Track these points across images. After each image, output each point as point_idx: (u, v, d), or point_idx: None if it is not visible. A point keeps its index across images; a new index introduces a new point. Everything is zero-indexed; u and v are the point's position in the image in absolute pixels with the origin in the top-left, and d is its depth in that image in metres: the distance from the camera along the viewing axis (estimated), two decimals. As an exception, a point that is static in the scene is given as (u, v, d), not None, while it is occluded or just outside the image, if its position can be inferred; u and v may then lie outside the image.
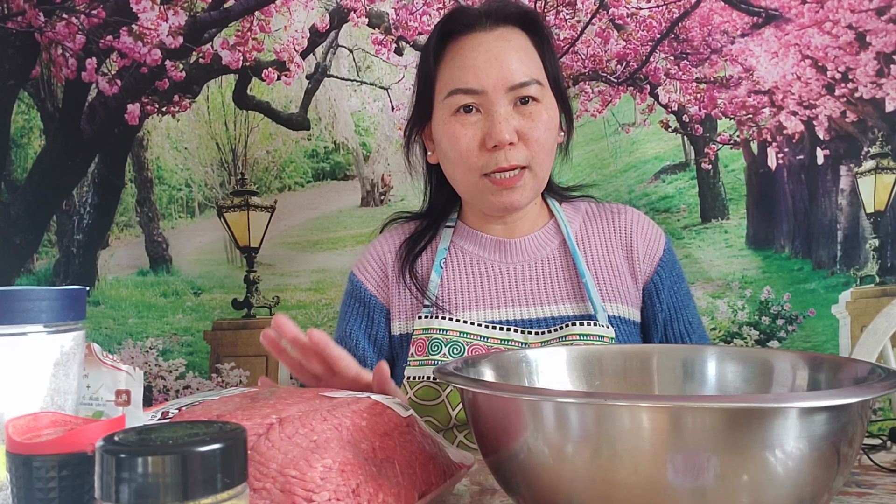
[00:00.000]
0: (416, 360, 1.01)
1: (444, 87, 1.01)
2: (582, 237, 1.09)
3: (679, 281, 1.09)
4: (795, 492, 0.46)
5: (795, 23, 1.55)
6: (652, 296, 1.06)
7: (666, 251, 1.09)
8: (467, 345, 1.00)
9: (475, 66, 0.98)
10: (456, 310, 1.05)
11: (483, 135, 0.98)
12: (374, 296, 1.10)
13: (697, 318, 1.11)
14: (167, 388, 1.64)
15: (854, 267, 1.58)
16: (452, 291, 1.06)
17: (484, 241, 1.08)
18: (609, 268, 1.06)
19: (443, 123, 1.02)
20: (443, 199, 1.14)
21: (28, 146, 1.65)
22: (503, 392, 0.52)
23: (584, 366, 0.73)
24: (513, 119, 0.98)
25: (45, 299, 0.48)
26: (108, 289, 1.65)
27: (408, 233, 1.13)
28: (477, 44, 1.00)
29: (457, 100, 0.99)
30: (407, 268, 1.09)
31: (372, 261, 1.12)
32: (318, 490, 0.52)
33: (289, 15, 1.61)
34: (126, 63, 1.61)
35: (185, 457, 0.34)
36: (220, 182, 1.65)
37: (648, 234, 1.09)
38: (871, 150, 1.57)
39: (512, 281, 1.06)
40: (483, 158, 0.99)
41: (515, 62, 0.98)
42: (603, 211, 1.12)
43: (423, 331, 1.02)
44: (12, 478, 0.43)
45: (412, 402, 0.99)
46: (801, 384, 0.65)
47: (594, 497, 0.47)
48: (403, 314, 1.08)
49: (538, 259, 1.07)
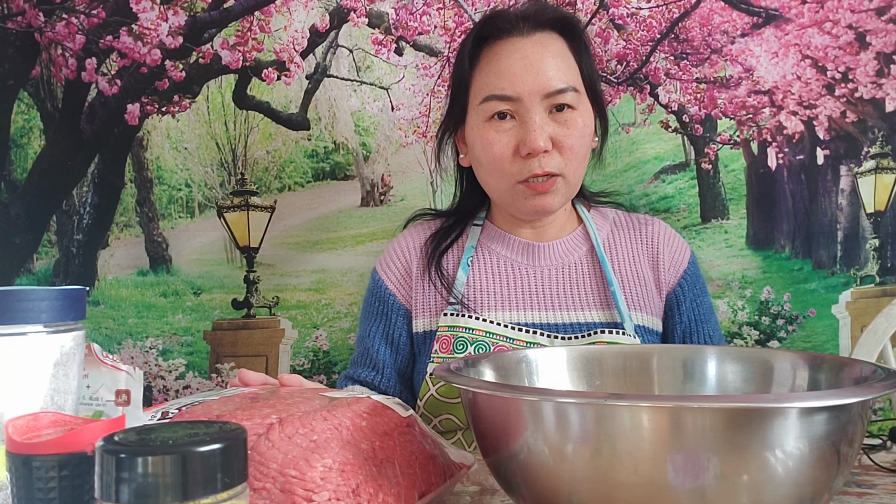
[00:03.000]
0: (441, 357, 1.00)
1: (479, 92, 1.00)
2: (610, 245, 1.09)
3: (702, 295, 1.09)
4: (795, 492, 0.46)
5: (795, 23, 1.55)
6: (673, 307, 1.07)
7: (691, 264, 1.09)
8: (493, 345, 0.99)
9: (511, 72, 0.97)
10: (482, 309, 1.04)
11: (517, 142, 0.97)
12: (394, 294, 1.10)
13: (719, 334, 1.10)
14: (167, 388, 1.63)
15: (854, 267, 1.58)
16: (479, 291, 1.06)
17: (513, 242, 1.08)
18: (635, 277, 1.06)
19: (477, 129, 1.01)
20: (474, 201, 1.14)
21: (28, 146, 1.65)
22: (503, 392, 0.52)
23: (584, 366, 0.73)
24: (547, 126, 0.97)
25: (45, 299, 0.48)
26: (108, 289, 1.65)
27: (433, 229, 1.13)
28: (513, 49, 0.98)
29: (491, 106, 0.98)
30: (433, 264, 1.08)
31: (395, 258, 1.12)
32: (318, 490, 0.52)
33: (289, 15, 1.61)
34: (126, 63, 1.61)
35: (185, 457, 0.34)
36: (220, 182, 1.65)
37: (674, 246, 1.10)
38: (871, 150, 1.57)
39: (539, 284, 1.06)
40: (517, 165, 0.98)
41: (552, 69, 0.97)
42: (631, 221, 1.13)
43: (449, 328, 1.01)
44: (12, 478, 0.43)
45: (433, 399, 0.98)
46: (802, 384, 0.65)
47: (594, 497, 0.47)
48: (427, 311, 1.07)
49: (566, 264, 1.07)
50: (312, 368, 1.62)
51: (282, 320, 1.63)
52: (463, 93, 1.04)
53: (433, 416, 1.00)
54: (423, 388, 0.99)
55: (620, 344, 0.96)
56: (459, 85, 1.04)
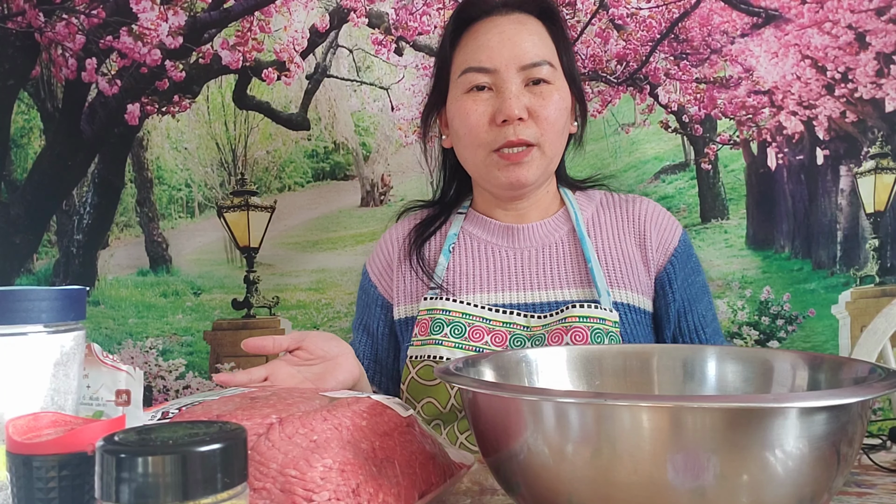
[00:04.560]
0: (419, 340, 1.02)
1: (459, 67, 1.03)
2: (593, 225, 1.09)
3: (694, 274, 1.08)
4: (795, 492, 0.46)
5: (795, 23, 1.55)
6: (664, 286, 1.06)
7: (681, 242, 1.08)
8: (469, 326, 1.01)
9: (489, 45, 1.00)
10: (461, 292, 1.05)
11: (493, 111, 0.99)
12: (376, 286, 1.13)
13: (713, 313, 1.10)
14: (167, 388, 1.64)
15: (854, 267, 1.58)
16: (458, 275, 1.07)
17: (493, 226, 1.09)
18: (619, 255, 1.06)
19: (455, 102, 1.03)
20: (455, 184, 1.16)
21: (28, 146, 1.65)
22: (503, 392, 0.52)
23: (584, 366, 0.73)
24: (523, 97, 0.99)
25: (45, 299, 0.48)
26: (108, 289, 1.65)
27: (420, 220, 1.15)
28: (493, 25, 1.01)
29: (470, 78, 1.00)
30: (414, 251, 1.10)
31: (380, 251, 1.16)
32: (318, 490, 0.52)
33: (289, 15, 1.61)
34: (126, 63, 1.61)
35: (185, 457, 0.34)
36: (220, 182, 1.65)
37: (663, 224, 1.08)
38: (871, 150, 1.57)
39: (518, 265, 1.06)
40: (492, 134, 0.99)
41: (528, 43, 1.00)
42: (618, 200, 1.12)
43: (427, 311, 1.03)
44: (12, 478, 0.43)
45: (414, 382, 1.00)
46: (801, 384, 0.65)
47: (594, 497, 0.47)
48: (408, 298, 1.09)
49: (546, 245, 1.07)
50: (312, 368, 1.62)
51: (282, 320, 1.63)
52: (445, 72, 1.06)
53: (416, 401, 1.01)
54: (405, 371, 1.02)
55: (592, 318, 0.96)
56: (441, 65, 1.07)
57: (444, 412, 1.00)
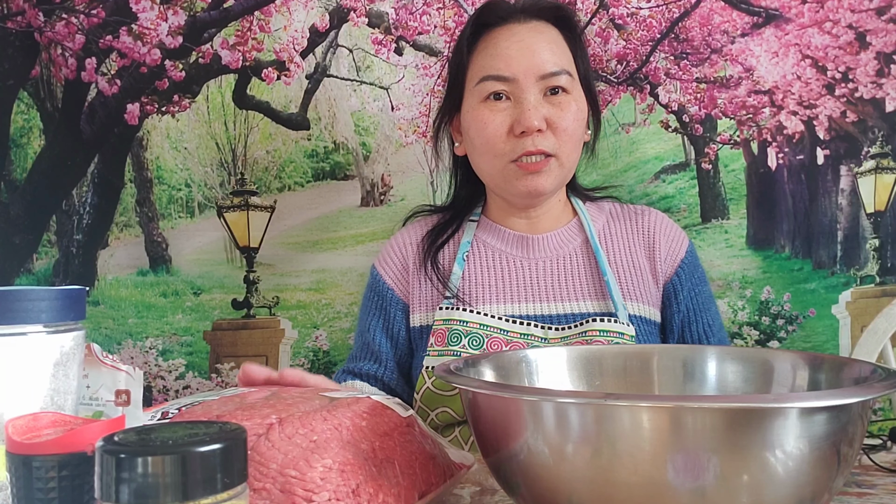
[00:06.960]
0: (436, 351, 1.01)
1: (476, 75, 1.02)
2: (605, 236, 1.09)
3: (700, 284, 1.09)
4: (795, 492, 0.46)
5: (795, 23, 1.55)
6: (671, 296, 1.06)
7: (688, 253, 1.09)
8: (487, 337, 1.00)
9: (507, 54, 0.99)
10: (477, 302, 1.05)
11: (512, 121, 0.99)
12: (392, 290, 1.11)
13: (719, 322, 1.10)
14: (167, 388, 1.63)
15: (854, 267, 1.58)
16: (474, 284, 1.07)
17: (507, 235, 1.09)
18: (631, 267, 1.06)
19: (472, 111, 1.02)
20: (468, 192, 1.15)
21: (28, 146, 1.64)
22: (503, 392, 0.52)
23: (584, 366, 0.73)
24: (542, 107, 0.98)
25: (44, 299, 0.48)
26: (108, 289, 1.65)
27: (430, 225, 1.14)
28: (510, 34, 1.01)
29: (487, 86, 1.00)
30: (429, 259, 1.09)
31: (393, 254, 1.13)
32: (318, 490, 0.52)
33: (288, 15, 1.61)
34: (126, 63, 1.61)
35: (185, 457, 0.34)
36: (220, 182, 1.65)
37: (671, 235, 1.09)
38: (871, 150, 1.57)
39: (533, 276, 1.06)
40: (510, 144, 0.99)
41: (547, 52, 0.99)
42: (627, 212, 1.13)
43: (444, 322, 1.02)
44: (12, 478, 0.43)
45: (430, 392, 0.99)
46: (802, 384, 0.65)
47: (594, 497, 0.47)
48: (424, 306, 1.08)
49: (560, 256, 1.07)
50: (312, 368, 1.62)
51: (282, 320, 1.63)
52: (460, 79, 1.05)
53: (430, 410, 1.00)
54: (420, 381, 1.00)
55: (612, 332, 0.97)
56: (457, 71, 1.06)
57: (459, 421, 1.00)
